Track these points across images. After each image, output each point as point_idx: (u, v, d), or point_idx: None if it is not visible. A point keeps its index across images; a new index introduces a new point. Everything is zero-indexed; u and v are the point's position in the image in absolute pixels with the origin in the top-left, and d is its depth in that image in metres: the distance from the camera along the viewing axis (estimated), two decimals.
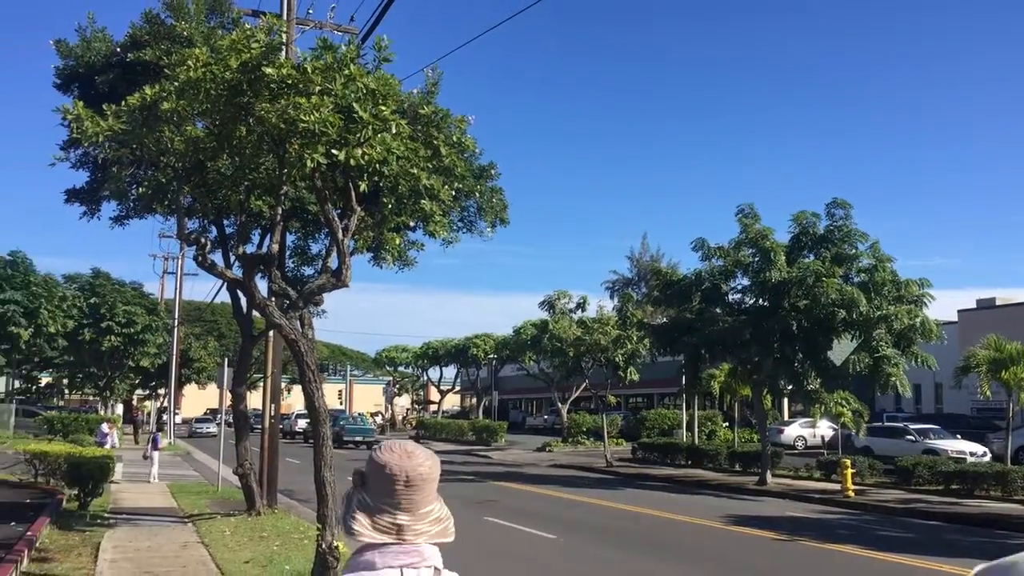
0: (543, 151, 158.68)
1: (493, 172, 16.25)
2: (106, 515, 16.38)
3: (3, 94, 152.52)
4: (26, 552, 11.17)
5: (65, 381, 58.86)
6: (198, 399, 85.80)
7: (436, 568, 2.12)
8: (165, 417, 50.45)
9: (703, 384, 30.54)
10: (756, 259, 24.57)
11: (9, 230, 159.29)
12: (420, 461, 2.13)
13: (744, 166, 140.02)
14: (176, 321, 44.07)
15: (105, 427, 29.95)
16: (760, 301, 25.03)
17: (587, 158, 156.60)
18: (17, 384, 58.80)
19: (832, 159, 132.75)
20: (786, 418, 44.43)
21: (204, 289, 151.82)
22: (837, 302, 22.06)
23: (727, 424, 42.53)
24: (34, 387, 61.48)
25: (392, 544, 2.08)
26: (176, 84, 9.40)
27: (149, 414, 62.61)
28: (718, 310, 25.72)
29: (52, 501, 17.29)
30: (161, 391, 60.29)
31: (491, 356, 62.22)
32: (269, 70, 8.79)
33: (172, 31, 13.59)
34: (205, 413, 70.05)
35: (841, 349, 23.06)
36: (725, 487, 24.63)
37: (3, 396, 56.72)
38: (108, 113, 9.70)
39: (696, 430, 37.10)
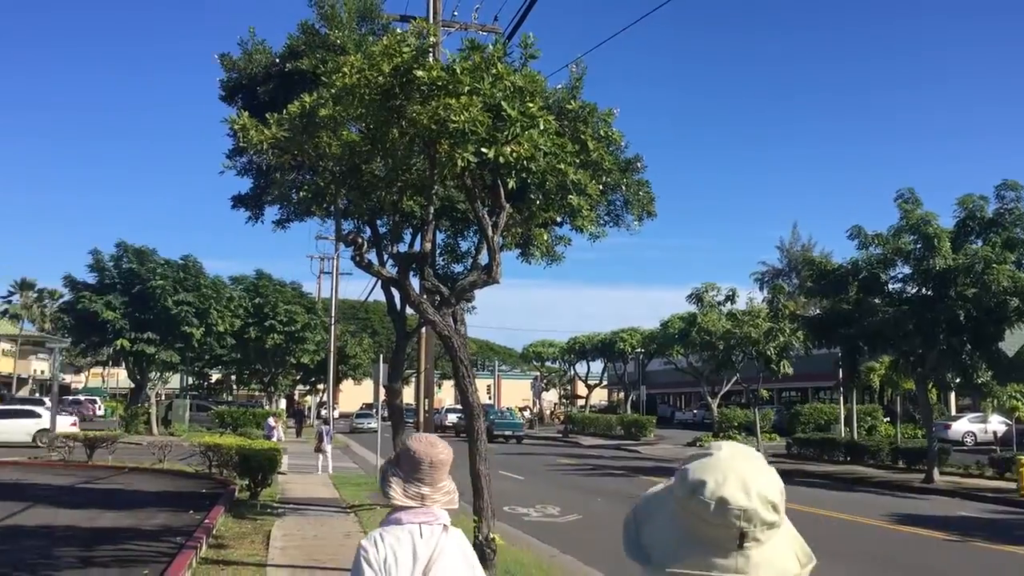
0: (687, 142, 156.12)
1: (639, 165, 16.07)
2: (275, 505, 17.22)
3: (174, 107, 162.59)
4: (204, 538, 11.90)
5: (233, 377, 62.23)
6: (354, 394, 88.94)
7: (445, 525, 2.96)
8: (324, 412, 52.59)
9: (862, 377, 29.37)
10: (918, 246, 23.41)
11: (182, 237, 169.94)
12: (440, 450, 2.99)
13: (898, 145, 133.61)
14: (333, 319, 45.82)
15: (271, 421, 31.50)
16: (923, 290, 23.83)
17: (733, 147, 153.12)
18: (190, 380, 62.64)
19: (994, 135, 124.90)
20: (953, 413, 42.16)
21: (357, 288, 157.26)
22: (1009, 290, 20.74)
23: (888, 419, 40.75)
24: (205, 383, 65.41)
25: (415, 507, 2.93)
26: (332, 91, 9.75)
27: (309, 408, 65.45)
28: (877, 300, 24.65)
29: (225, 491, 18.33)
30: (320, 386, 62.88)
31: (638, 350, 61.73)
32: (420, 73, 9.00)
33: (326, 40, 14.10)
34: (362, 408, 72.53)
35: (1014, 339, 21.68)
36: (887, 484, 23.60)
37: (178, 392, 60.55)
38: (271, 121, 10.18)
39: (855, 425, 35.68)
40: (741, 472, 1.40)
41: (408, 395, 28.80)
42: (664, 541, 1.46)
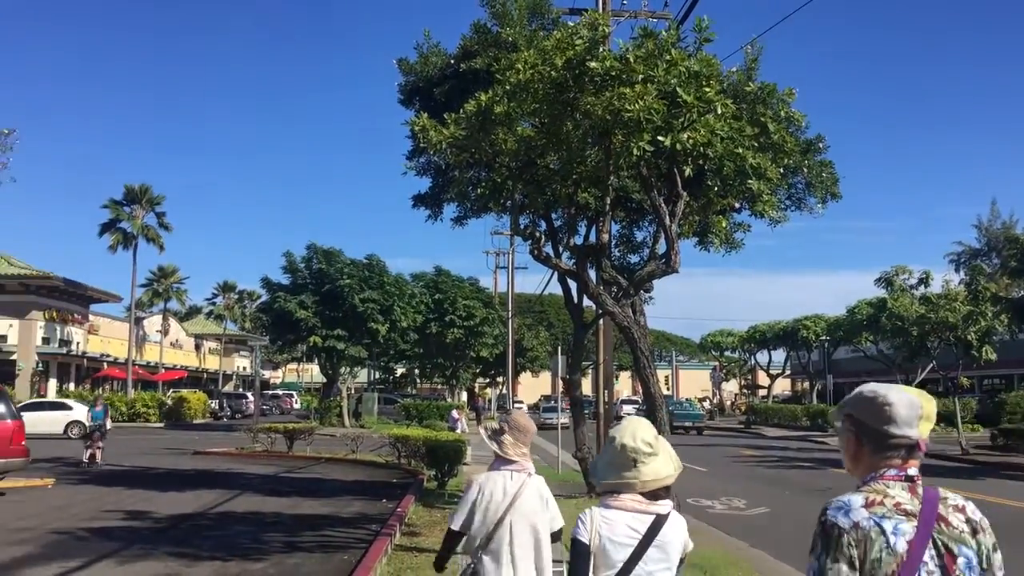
0: (872, 119, 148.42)
1: (821, 145, 15.43)
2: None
3: (357, 115, 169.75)
4: (398, 526, 12.36)
5: (416, 371, 64.38)
6: (532, 386, 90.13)
7: (529, 473, 4.48)
8: (502, 404, 53.53)
9: None
10: None
11: (366, 237, 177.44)
12: (527, 422, 4.60)
13: None
14: (510, 313, 46.64)
15: (455, 413, 32.41)
16: None
17: (921, 122, 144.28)
18: (377, 375, 65.32)
19: None
20: None
21: (533, 282, 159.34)
22: None
23: None
24: (391, 377, 67.96)
25: (510, 460, 4.47)
26: (507, 88, 9.91)
27: (489, 401, 66.88)
28: None
29: (415, 481, 19.00)
30: (499, 379, 64.13)
31: (823, 338, 59.35)
32: (593, 64, 9.00)
33: (499, 38, 14.35)
34: (541, 400, 73.45)
35: None
36: None
37: (366, 386, 63.28)
38: (449, 121, 10.46)
39: None
40: (631, 429, 3.17)
41: (585, 387, 28.92)
42: (600, 468, 3.24)
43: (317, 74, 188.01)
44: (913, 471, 2.38)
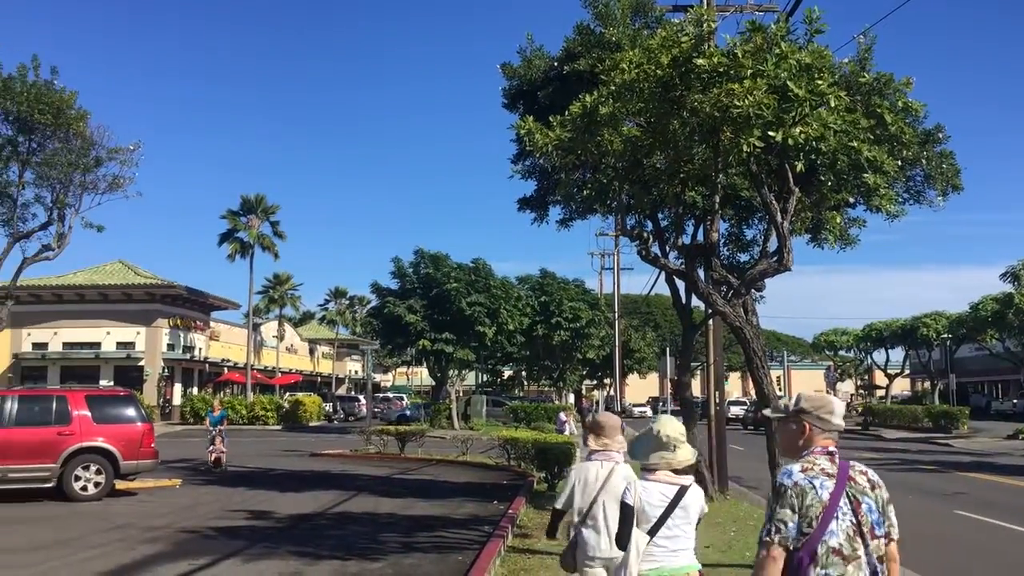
0: (995, 105, 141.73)
1: (941, 135, 14.81)
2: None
3: (462, 121, 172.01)
4: (510, 528, 12.43)
5: (524, 373, 64.63)
6: (640, 388, 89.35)
7: (616, 461, 5.43)
8: (611, 406, 53.19)
9: None
10: None
11: (471, 241, 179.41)
12: (607, 420, 5.70)
13: None
14: (616, 314, 46.35)
15: (563, 415, 32.42)
16: None
17: None
18: (484, 377, 65.87)
19: None
20: None
21: (639, 282, 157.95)
22: None
23: None
24: (498, 379, 68.42)
25: (600, 451, 5.54)
26: (612, 88, 9.86)
27: (596, 403, 66.57)
28: None
29: (525, 483, 19.07)
30: (607, 381, 63.78)
31: (944, 336, 56.96)
32: (700, 61, 8.87)
33: (602, 39, 14.29)
34: (648, 401, 72.81)
35: None
36: None
37: (474, 388, 63.90)
38: (554, 124, 10.47)
39: None
40: (670, 424, 4.69)
41: (694, 388, 28.47)
42: (641, 451, 4.67)
43: (423, 79, 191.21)
44: (832, 448, 3.52)
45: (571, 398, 67.03)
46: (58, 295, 51.89)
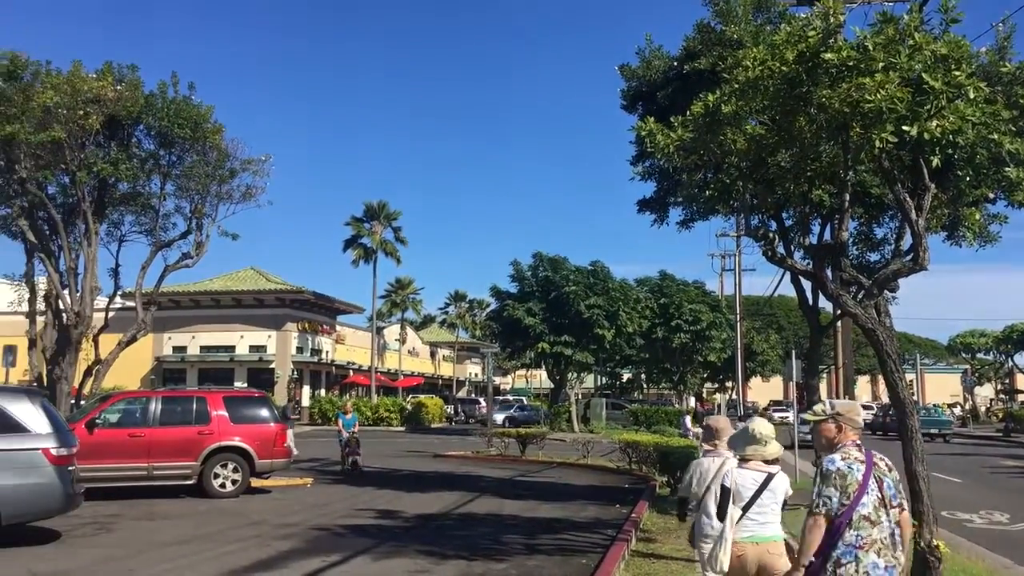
0: None
1: None
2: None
3: (581, 124, 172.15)
4: (633, 532, 12.38)
5: (643, 376, 64.13)
6: (763, 391, 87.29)
7: (726, 457, 6.30)
8: (732, 410, 52.21)
9: None
10: None
11: (587, 244, 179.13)
12: (716, 423, 6.84)
13: None
14: (738, 316, 45.39)
15: (687, 420, 32.02)
16: None
17: None
18: (603, 380, 65.65)
19: None
20: None
21: (760, 284, 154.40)
22: None
23: None
24: (617, 382, 68.11)
25: (711, 450, 6.63)
26: (735, 86, 9.68)
27: (717, 406, 65.43)
28: None
29: (647, 486, 18.92)
30: (728, 384, 62.62)
31: None
32: (828, 55, 8.62)
33: (723, 36, 14.04)
34: (770, 405, 70.95)
35: None
36: None
37: (593, 391, 63.76)
38: (675, 124, 10.35)
39: None
40: (763, 423, 6.22)
41: (821, 391, 27.60)
42: (740, 444, 6.17)
43: (541, 83, 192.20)
44: (859, 442, 4.85)
45: (692, 401, 66.08)
46: (195, 301, 54.48)
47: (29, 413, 11.25)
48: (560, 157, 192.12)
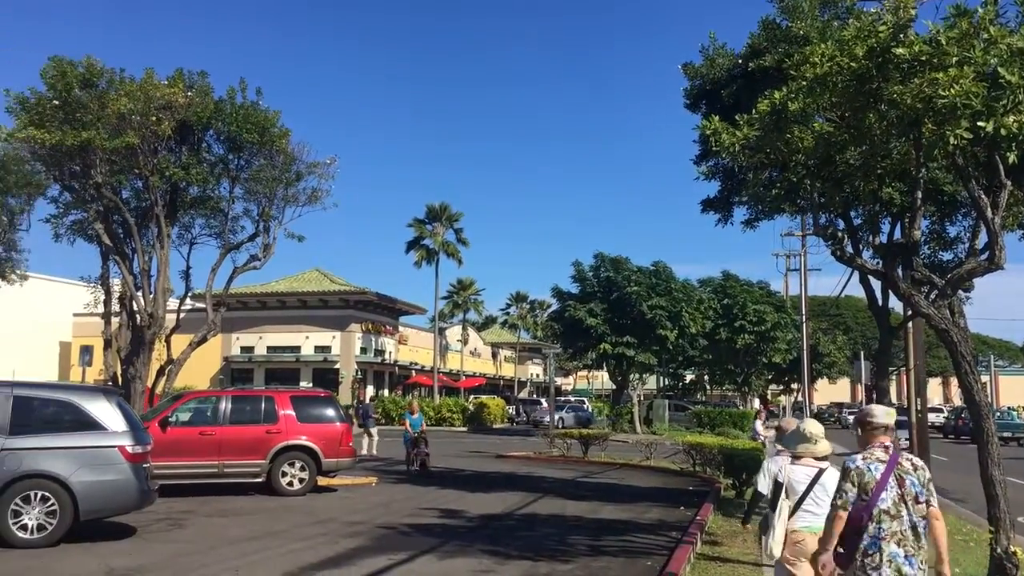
0: None
1: None
2: (761, 504, 17.18)
3: (641, 124, 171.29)
4: (698, 535, 12.27)
5: (706, 377, 63.45)
6: (829, 393, 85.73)
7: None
8: (798, 412, 51.28)
9: None
10: None
11: (651, 244, 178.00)
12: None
13: None
14: (804, 317, 44.61)
15: (759, 426, 31.50)
16: None
17: None
18: (666, 381, 65.13)
19: None
20: None
21: (826, 284, 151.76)
22: None
23: None
24: (680, 383, 67.50)
25: (782, 450, 7.36)
26: (802, 83, 9.55)
27: (783, 408, 64.43)
28: None
29: (711, 489, 18.73)
30: (794, 386, 61.64)
31: None
32: (899, 50, 8.45)
33: (788, 33, 13.84)
34: (831, 407, 69.72)
35: None
36: None
37: (655, 392, 63.31)
38: (741, 123, 10.25)
39: None
40: (814, 423, 7.03)
41: (893, 394, 26.97)
42: (792, 442, 6.94)
43: (598, 85, 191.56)
44: (887, 443, 5.30)
45: (756, 403, 65.18)
46: (262, 302, 55.50)
47: (106, 412, 11.59)
48: (622, 158, 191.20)
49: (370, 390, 57.42)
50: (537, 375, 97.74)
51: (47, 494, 10.97)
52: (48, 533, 10.93)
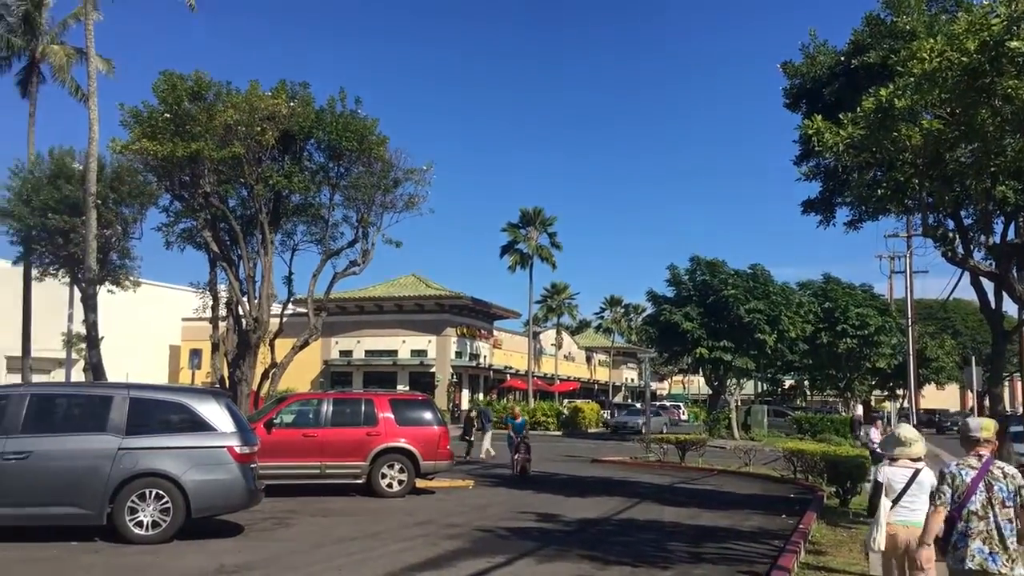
0: None
1: None
2: (866, 513, 16.70)
3: (739, 128, 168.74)
4: (802, 543, 11.98)
5: (806, 383, 61.92)
6: (936, 399, 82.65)
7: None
8: (904, 419, 49.61)
9: None
10: None
11: (748, 247, 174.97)
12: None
13: None
14: (909, 320, 43.15)
15: (874, 433, 30.54)
16: None
17: None
18: (764, 386, 63.85)
19: None
20: None
21: (934, 286, 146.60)
22: None
23: None
24: (779, 389, 66.07)
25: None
26: (910, 79, 9.29)
27: (889, 414, 62.43)
28: None
29: (814, 497, 18.27)
30: (899, 391, 59.64)
31: None
32: (1014, 44, 8.14)
33: (893, 28, 13.46)
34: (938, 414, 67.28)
35: None
36: None
37: (753, 398, 62.14)
38: (845, 121, 10.02)
39: None
40: (910, 427, 7.84)
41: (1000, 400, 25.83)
42: (889, 446, 7.77)
43: (697, 88, 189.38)
44: (982, 452, 6.08)
45: (859, 409, 63.32)
46: (360, 306, 56.64)
47: (215, 413, 12.00)
48: (716, 159, 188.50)
49: (465, 394, 57.98)
50: (632, 379, 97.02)
51: (161, 492, 11.40)
52: (162, 530, 11.36)
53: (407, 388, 49.62)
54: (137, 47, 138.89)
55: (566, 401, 63.89)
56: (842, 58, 15.15)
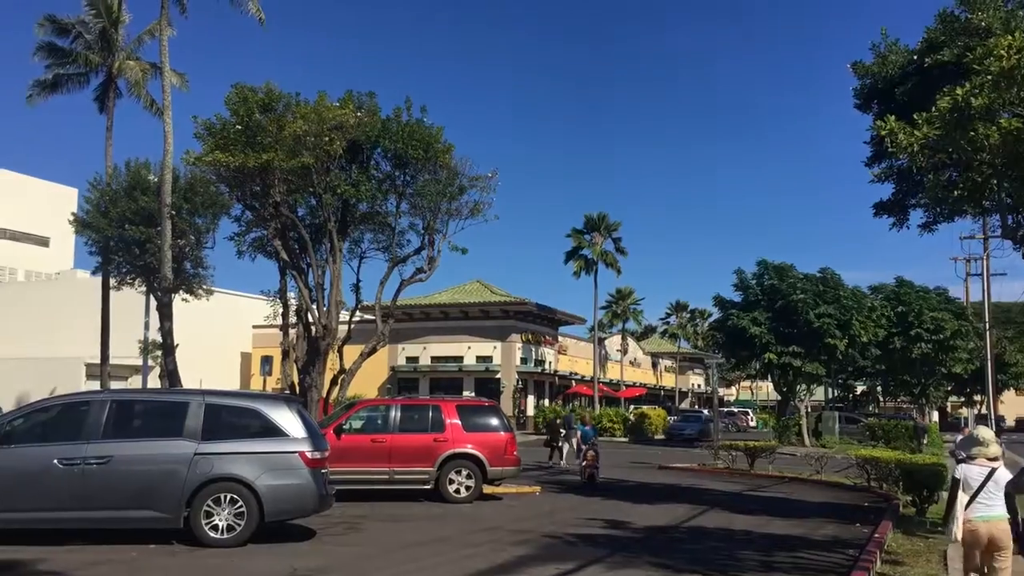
0: None
1: None
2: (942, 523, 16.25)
3: (809, 130, 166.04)
4: (877, 553, 11.72)
5: (879, 389, 60.54)
6: (1017, 405, 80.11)
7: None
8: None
9: None
10: None
11: (817, 249, 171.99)
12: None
13: None
14: (987, 324, 41.92)
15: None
16: None
17: None
18: (835, 392, 62.58)
19: None
20: None
21: (1012, 289, 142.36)
22: None
23: None
24: (850, 395, 64.69)
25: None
26: (987, 77, 9.05)
27: (967, 420, 60.67)
28: None
29: (888, 505, 17.84)
30: (977, 397, 57.99)
31: None
32: None
33: (968, 25, 13.13)
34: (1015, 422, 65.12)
35: None
36: None
37: (824, 404, 60.93)
38: (920, 121, 9.80)
39: None
40: (987, 430, 8.30)
41: None
42: (966, 446, 8.46)
43: (763, 85, 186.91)
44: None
45: (935, 416, 61.66)
46: (426, 313, 57.08)
47: (287, 419, 12.22)
48: (782, 162, 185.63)
49: (531, 400, 57.99)
50: (698, 385, 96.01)
51: (236, 496, 11.63)
52: (236, 533, 11.58)
53: (473, 394, 49.83)
54: (209, 60, 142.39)
55: (632, 407, 63.48)
56: (915, 57, 14.81)
